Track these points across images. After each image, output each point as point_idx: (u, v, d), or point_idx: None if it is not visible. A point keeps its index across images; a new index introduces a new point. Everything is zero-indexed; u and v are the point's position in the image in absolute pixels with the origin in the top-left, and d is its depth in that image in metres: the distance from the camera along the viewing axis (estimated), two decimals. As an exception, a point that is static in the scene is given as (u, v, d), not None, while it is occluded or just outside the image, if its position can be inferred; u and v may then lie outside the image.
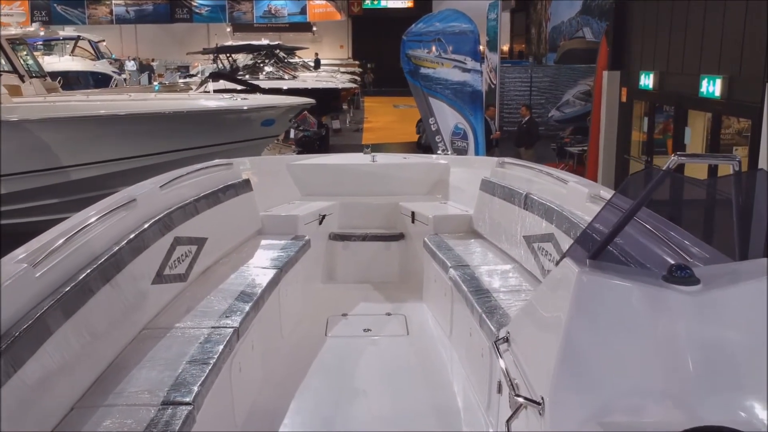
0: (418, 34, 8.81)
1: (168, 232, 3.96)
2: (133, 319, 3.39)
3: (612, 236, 1.89)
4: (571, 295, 1.83)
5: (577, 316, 1.82)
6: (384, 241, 5.94)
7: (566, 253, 2.02)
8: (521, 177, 4.90)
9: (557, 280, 2.01)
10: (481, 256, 4.84)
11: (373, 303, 5.48)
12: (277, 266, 4.60)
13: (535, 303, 2.21)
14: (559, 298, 1.95)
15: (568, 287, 1.87)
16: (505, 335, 2.34)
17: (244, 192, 5.28)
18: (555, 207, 4.08)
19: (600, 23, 26.53)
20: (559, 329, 1.85)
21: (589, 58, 23.94)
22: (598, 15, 26.84)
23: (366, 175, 6.29)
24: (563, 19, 29.37)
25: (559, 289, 1.97)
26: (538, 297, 2.22)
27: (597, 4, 26.96)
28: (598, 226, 1.98)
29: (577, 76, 22.91)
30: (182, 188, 4.49)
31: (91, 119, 9.67)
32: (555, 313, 1.96)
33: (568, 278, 1.88)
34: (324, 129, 14.58)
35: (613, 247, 2.00)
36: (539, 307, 2.14)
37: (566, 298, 1.86)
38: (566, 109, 22.62)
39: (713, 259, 2.06)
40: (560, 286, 1.96)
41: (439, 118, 8.65)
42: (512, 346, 2.27)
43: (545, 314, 2.06)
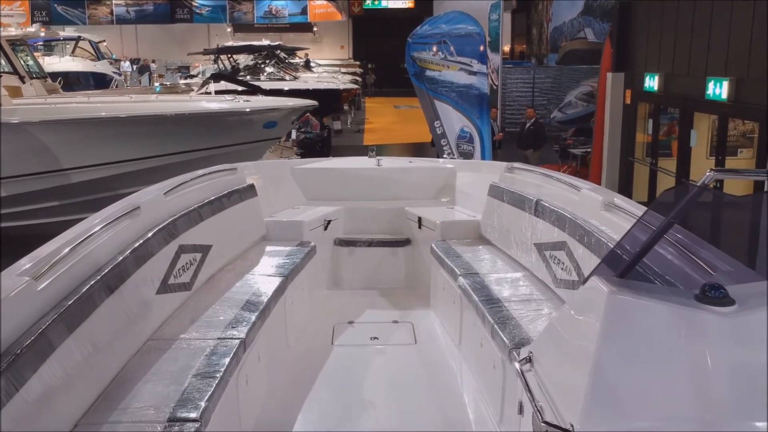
0: (423, 36, 8.71)
1: (172, 240, 3.87)
2: (137, 331, 3.31)
3: (642, 254, 1.80)
4: (601, 317, 1.74)
5: (607, 338, 1.73)
6: (390, 247, 5.85)
7: (594, 271, 1.94)
8: (531, 183, 4.81)
9: (584, 299, 1.93)
10: (491, 263, 4.76)
11: (379, 310, 5.39)
12: (283, 274, 4.51)
13: (561, 323, 2.13)
14: (587, 318, 1.86)
15: (597, 308, 1.78)
16: (528, 356, 2.25)
17: (248, 197, 5.19)
18: (567, 214, 3.99)
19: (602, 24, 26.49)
20: (588, 352, 1.76)
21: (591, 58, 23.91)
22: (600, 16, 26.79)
23: (371, 179, 6.20)
24: (565, 19, 29.34)
25: (586, 310, 1.88)
26: (564, 317, 2.13)
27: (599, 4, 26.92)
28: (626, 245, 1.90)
29: (579, 77, 22.88)
30: (186, 194, 4.41)
31: (92, 121, 9.59)
32: (583, 335, 1.87)
33: (597, 298, 1.80)
34: (326, 130, 14.49)
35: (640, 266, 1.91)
36: (565, 328, 2.05)
37: (595, 319, 1.77)
38: (568, 110, 22.57)
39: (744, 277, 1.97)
40: (588, 306, 1.87)
41: (445, 122, 8.55)
42: (536, 367, 2.18)
43: (572, 335, 1.97)
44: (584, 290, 1.93)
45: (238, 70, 23.66)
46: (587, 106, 22.01)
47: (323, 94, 21.23)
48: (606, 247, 3.44)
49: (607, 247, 3.42)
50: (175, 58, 37.21)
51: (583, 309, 1.93)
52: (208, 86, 15.68)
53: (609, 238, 3.48)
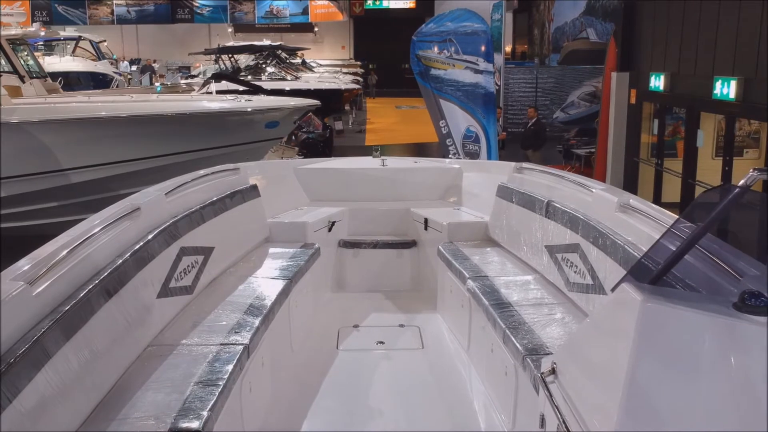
0: (428, 35, 8.55)
1: (173, 242, 3.76)
2: (137, 336, 3.19)
3: (676, 260, 1.69)
4: (634, 326, 1.63)
5: (641, 349, 1.61)
6: (396, 249, 5.74)
7: (623, 279, 1.82)
8: (541, 183, 4.69)
9: (614, 307, 1.81)
10: (500, 265, 4.64)
11: (385, 313, 5.27)
12: (287, 276, 4.39)
13: (588, 332, 2.01)
14: (617, 328, 1.75)
15: (629, 317, 1.67)
16: (552, 366, 2.14)
17: (251, 198, 5.08)
18: (580, 216, 3.87)
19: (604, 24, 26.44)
20: (620, 364, 1.65)
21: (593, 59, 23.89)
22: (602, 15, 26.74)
23: (376, 179, 6.09)
24: (566, 19, 29.33)
25: (617, 319, 1.77)
26: (591, 326, 2.01)
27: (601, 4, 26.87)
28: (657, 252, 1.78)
29: (582, 77, 22.82)
30: (188, 195, 4.29)
31: (92, 121, 9.48)
32: (614, 346, 1.75)
33: (628, 306, 1.68)
34: (328, 130, 14.37)
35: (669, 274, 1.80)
36: (593, 338, 1.93)
37: (627, 329, 1.66)
38: (571, 111, 22.50)
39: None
40: (618, 315, 1.76)
41: (450, 121, 8.40)
42: (560, 379, 2.07)
43: (602, 346, 1.85)
44: (613, 298, 1.82)
45: (239, 70, 23.56)
46: (590, 106, 21.95)
47: (325, 94, 21.16)
48: (622, 250, 3.32)
49: (624, 250, 3.31)
50: (176, 58, 37.16)
51: (612, 318, 1.81)
52: (209, 86, 15.57)
53: (625, 241, 3.36)
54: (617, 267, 3.34)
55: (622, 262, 3.29)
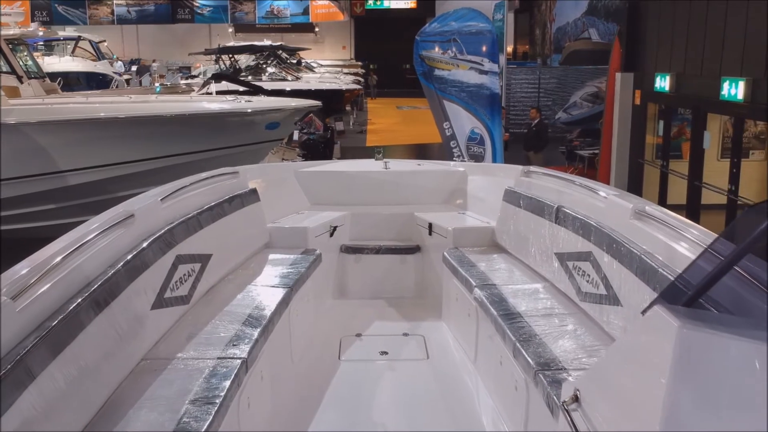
0: (432, 34, 8.37)
1: (169, 250, 3.60)
2: (129, 351, 3.04)
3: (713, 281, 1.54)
4: (671, 355, 1.48)
5: (679, 379, 1.47)
6: (399, 254, 5.58)
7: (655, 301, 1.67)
8: (550, 188, 4.53)
9: (647, 333, 1.66)
10: (507, 273, 4.48)
11: (388, 322, 5.12)
12: (287, 284, 4.24)
13: (616, 360, 1.86)
14: (650, 355, 1.60)
15: (664, 344, 1.52)
16: (575, 394, 1.99)
17: (251, 203, 4.92)
18: (592, 222, 3.72)
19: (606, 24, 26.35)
20: (655, 397, 1.50)
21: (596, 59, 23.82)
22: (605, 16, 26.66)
23: (378, 183, 5.94)
24: (568, 19, 29.28)
25: (650, 346, 1.62)
26: (620, 352, 1.86)
27: (603, 4, 26.78)
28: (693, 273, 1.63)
29: (584, 78, 22.74)
30: (185, 200, 4.14)
31: (90, 122, 9.35)
32: (647, 376, 1.60)
33: (663, 332, 1.53)
34: (329, 131, 14.22)
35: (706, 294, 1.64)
36: (623, 366, 1.78)
37: (663, 358, 1.51)
38: (573, 111, 22.40)
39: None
40: (652, 342, 1.61)
41: (454, 123, 8.23)
42: (584, 409, 1.92)
43: (633, 375, 1.70)
44: (645, 323, 1.67)
45: (239, 71, 23.41)
46: (592, 106, 21.84)
47: (325, 94, 21.02)
48: (638, 260, 3.17)
49: (640, 260, 3.16)
50: (177, 59, 37.04)
51: (645, 345, 1.66)
52: (209, 86, 15.44)
53: (641, 250, 3.21)
54: (633, 277, 3.19)
55: (639, 272, 3.14)
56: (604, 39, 25.82)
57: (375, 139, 22.87)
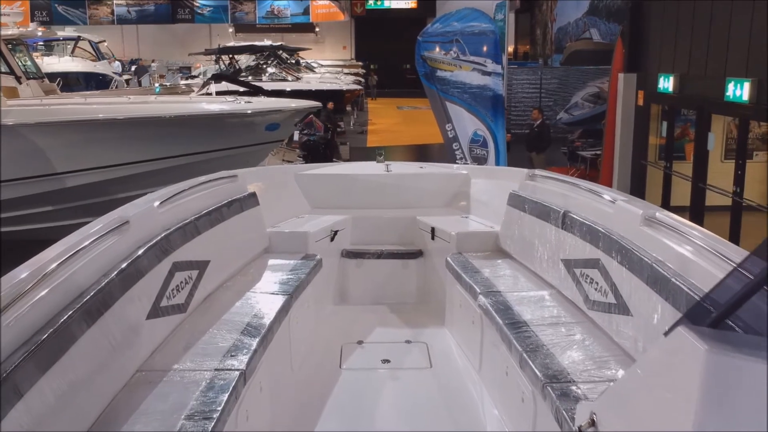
0: (434, 35, 8.23)
1: (165, 257, 3.50)
2: (123, 363, 2.94)
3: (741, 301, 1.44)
4: (698, 381, 1.38)
5: (707, 409, 1.37)
6: (401, 259, 5.48)
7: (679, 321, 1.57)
8: (555, 192, 4.43)
9: (670, 356, 1.56)
10: (512, 279, 4.38)
11: (390, 328, 5.02)
12: (287, 291, 4.14)
13: (637, 384, 1.76)
14: (676, 381, 1.50)
15: (690, 369, 1.42)
16: (591, 418, 1.89)
17: (250, 207, 4.82)
18: (600, 229, 3.62)
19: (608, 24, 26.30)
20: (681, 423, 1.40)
21: (597, 59, 23.77)
22: (606, 16, 26.63)
23: (380, 186, 5.84)
24: (569, 20, 29.29)
25: (674, 370, 1.52)
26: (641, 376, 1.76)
27: (605, 4, 26.75)
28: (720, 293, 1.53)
29: (586, 78, 22.66)
30: (182, 205, 4.03)
31: (88, 123, 9.25)
32: (672, 402, 1.50)
33: (689, 356, 1.43)
34: (330, 132, 14.11)
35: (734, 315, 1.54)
36: (644, 391, 1.68)
37: (689, 384, 1.41)
38: (575, 112, 22.33)
39: None
40: (676, 366, 1.51)
41: (457, 125, 8.10)
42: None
43: (656, 401, 1.60)
44: (669, 345, 1.57)
45: (239, 71, 23.32)
46: (594, 107, 21.76)
47: (326, 94, 20.92)
48: (649, 268, 3.07)
49: (651, 269, 3.06)
50: (177, 59, 36.99)
51: (668, 369, 1.56)
52: (208, 87, 15.34)
53: (653, 258, 3.11)
54: (643, 286, 3.09)
55: (650, 281, 3.04)
56: (605, 39, 25.79)
57: (376, 139, 22.77)
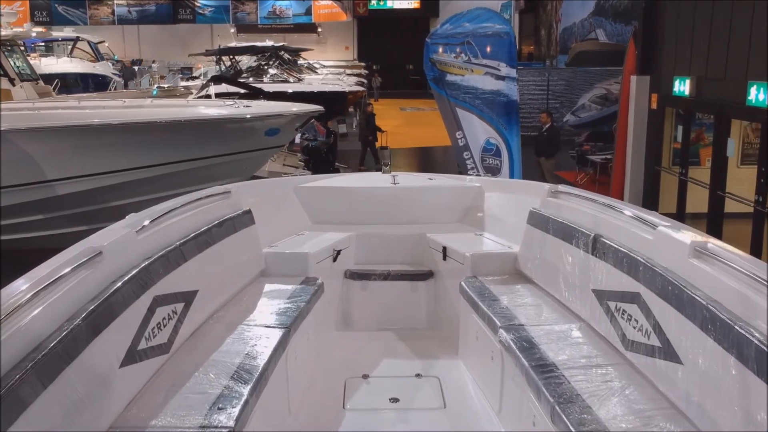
0: (444, 36, 7.72)
1: (145, 292, 3.07)
2: (90, 422, 2.50)
3: None
4: None
5: None
6: (410, 281, 5.05)
7: None
8: (583, 211, 3.99)
9: None
10: (535, 309, 3.94)
11: (398, 359, 4.58)
12: (284, 324, 3.71)
13: None
14: None
15: None
16: None
17: (244, 226, 4.39)
18: (640, 258, 3.18)
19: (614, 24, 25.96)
20: None
21: (603, 60, 23.45)
22: (613, 16, 26.31)
23: (386, 199, 5.41)
24: (575, 20, 29.06)
25: None
26: None
27: (611, 4, 26.46)
28: None
29: (593, 80, 22.33)
30: (167, 229, 3.60)
31: (79, 129, 8.83)
32: None
33: None
34: (332, 136, 13.67)
35: None
36: None
37: None
38: (582, 114, 21.98)
39: None
40: None
41: (468, 132, 7.61)
42: None
43: None
44: None
45: (240, 72, 22.89)
46: (601, 109, 21.42)
47: (328, 96, 20.50)
48: (704, 310, 2.63)
49: (706, 310, 2.62)
50: (178, 59, 36.70)
51: None
52: (207, 89, 14.90)
53: (707, 298, 2.67)
54: (696, 330, 2.65)
55: (704, 325, 2.60)
56: (611, 40, 25.48)
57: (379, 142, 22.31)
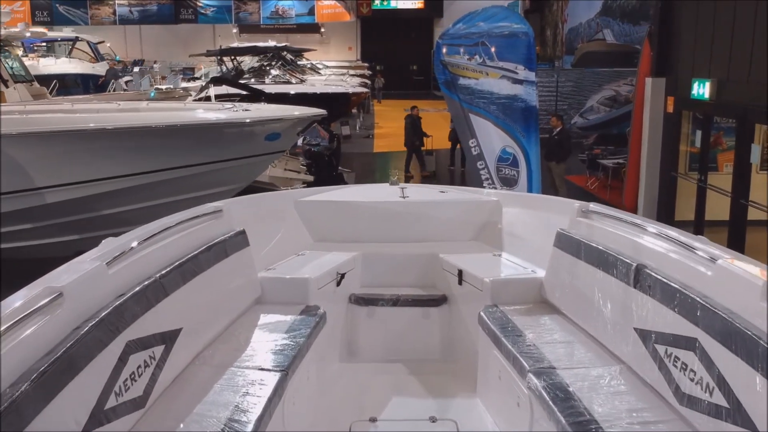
0: (456, 37, 7.16)
1: (115, 338, 2.61)
2: None
3: None
4: None
5: None
6: (421, 307, 4.57)
7: None
8: (621, 237, 3.51)
9: None
10: (567, 347, 3.47)
11: (410, 397, 4.10)
12: (282, 365, 3.24)
13: None
14: None
15: None
16: None
17: (237, 249, 3.92)
18: (697, 298, 2.70)
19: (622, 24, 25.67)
20: None
21: (610, 60, 23.15)
22: (620, 16, 26.04)
23: (394, 215, 4.95)
24: (581, 20, 28.90)
25: None
26: None
27: (619, 4, 26.22)
28: None
29: (601, 81, 22.04)
30: (144, 258, 3.13)
31: (69, 134, 8.40)
32: None
33: None
34: (335, 141, 13.18)
35: None
36: None
37: None
38: (590, 116, 21.68)
39: None
40: None
41: (482, 140, 7.05)
42: None
43: None
44: None
45: (241, 73, 22.45)
46: (610, 111, 21.08)
47: (331, 97, 20.06)
48: None
49: None
50: (180, 60, 36.40)
51: None
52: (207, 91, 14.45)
53: None
54: None
55: None
56: (619, 40, 25.20)
57: (382, 144, 21.91)
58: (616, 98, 21.26)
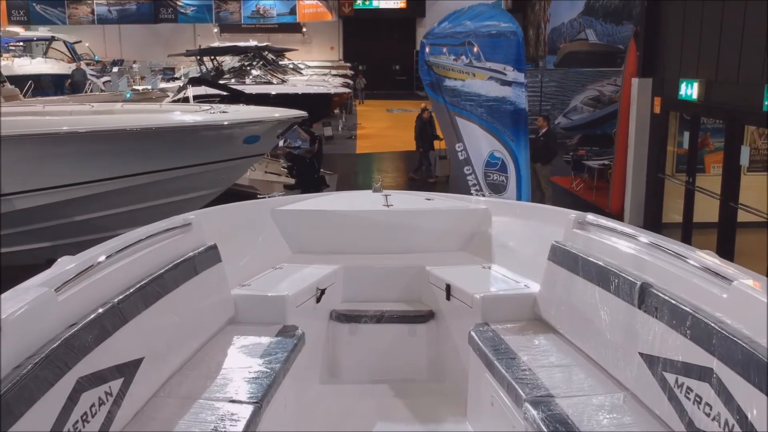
0: (442, 36, 6.86)
1: (64, 375, 2.31)
2: None
3: None
4: None
5: None
6: (407, 324, 4.31)
7: None
8: (623, 252, 3.26)
9: None
10: (565, 372, 3.21)
11: (396, 422, 3.84)
12: (255, 396, 2.96)
13: None
14: None
15: None
16: None
17: (208, 266, 3.62)
18: (711, 323, 2.46)
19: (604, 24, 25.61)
20: None
21: (593, 61, 23.09)
22: (603, 16, 25.98)
23: (378, 224, 4.68)
24: (564, 20, 28.78)
25: None
26: None
27: (601, 4, 26.17)
28: None
29: (585, 81, 21.97)
30: (102, 280, 2.83)
31: (40, 138, 8.08)
32: None
33: None
34: (317, 144, 12.89)
35: None
36: None
37: None
38: (574, 116, 21.59)
39: None
40: None
41: (469, 144, 6.75)
42: None
43: None
44: None
45: (222, 73, 22.08)
46: (593, 111, 21.00)
47: (313, 98, 19.78)
48: None
49: None
50: (160, 59, 36.02)
51: None
52: (185, 92, 14.10)
53: None
54: None
55: None
56: (602, 40, 25.14)
57: (366, 144, 21.64)
58: (600, 98, 21.21)
